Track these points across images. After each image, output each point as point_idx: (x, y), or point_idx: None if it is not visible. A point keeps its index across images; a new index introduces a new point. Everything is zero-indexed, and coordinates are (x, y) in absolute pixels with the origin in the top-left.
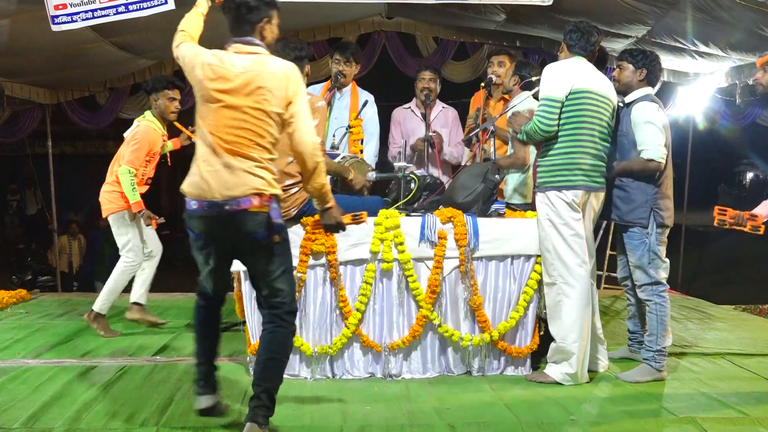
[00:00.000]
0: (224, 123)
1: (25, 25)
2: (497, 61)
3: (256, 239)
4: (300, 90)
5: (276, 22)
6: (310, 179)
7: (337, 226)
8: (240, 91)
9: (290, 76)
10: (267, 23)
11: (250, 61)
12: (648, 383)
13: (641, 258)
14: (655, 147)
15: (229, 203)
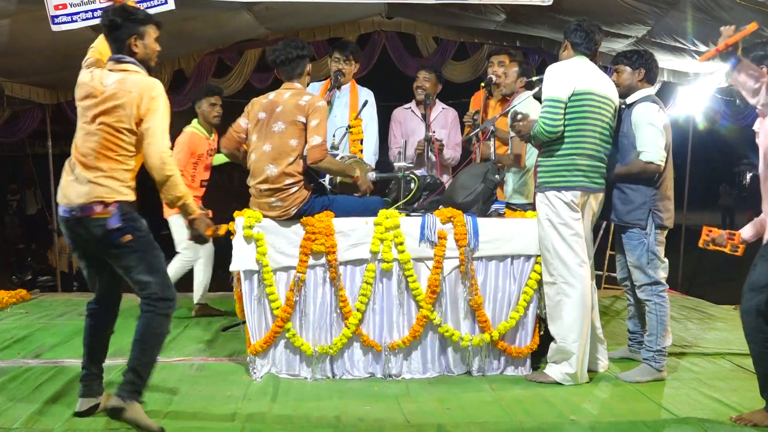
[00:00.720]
0: (82, 137)
1: (25, 25)
2: (497, 61)
3: (104, 242)
4: (154, 108)
5: (152, 37)
6: (163, 192)
7: (199, 237)
8: (99, 108)
9: (144, 95)
10: (137, 39)
11: (115, 79)
12: (648, 383)
13: (640, 258)
14: (654, 149)
15: (76, 210)
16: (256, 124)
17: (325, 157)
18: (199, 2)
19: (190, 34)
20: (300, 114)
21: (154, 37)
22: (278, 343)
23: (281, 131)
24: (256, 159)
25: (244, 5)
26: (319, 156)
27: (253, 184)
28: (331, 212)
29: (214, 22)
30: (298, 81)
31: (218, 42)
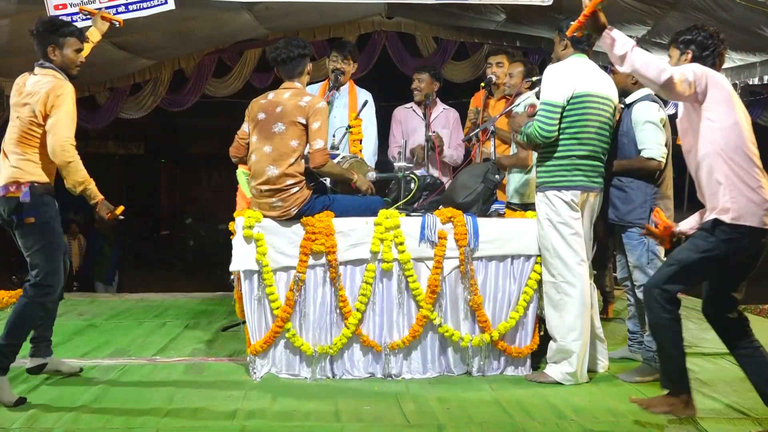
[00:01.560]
0: (8, 129)
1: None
2: (495, 61)
3: (13, 220)
4: (58, 104)
5: (71, 48)
6: (65, 177)
7: (102, 220)
8: (20, 105)
9: (50, 94)
10: (55, 48)
11: (34, 81)
12: (648, 383)
13: (640, 258)
14: (655, 146)
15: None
16: (256, 124)
17: (327, 162)
18: (199, 2)
19: (190, 34)
20: (300, 115)
21: (74, 48)
22: (278, 343)
23: (281, 132)
24: (257, 160)
25: (244, 5)
26: (321, 161)
27: (253, 185)
28: (331, 212)
29: (214, 22)
30: (298, 80)
31: (218, 42)
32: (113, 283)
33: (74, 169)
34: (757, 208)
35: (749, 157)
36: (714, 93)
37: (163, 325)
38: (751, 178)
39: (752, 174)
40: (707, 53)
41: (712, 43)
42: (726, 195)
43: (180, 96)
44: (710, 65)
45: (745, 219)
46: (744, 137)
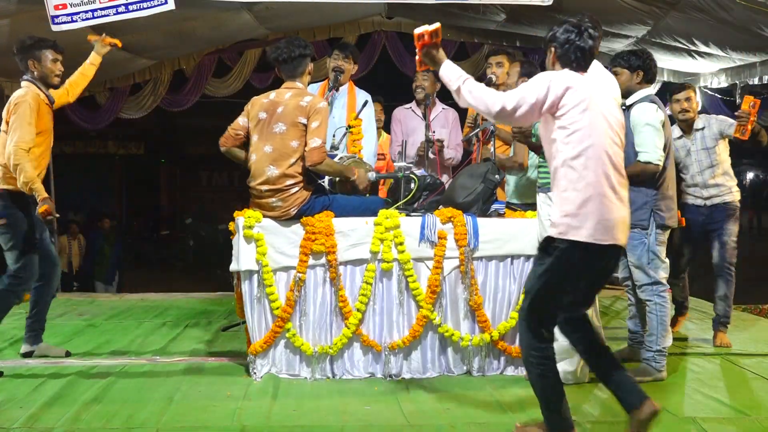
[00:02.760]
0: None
1: (25, 25)
2: (495, 61)
3: None
4: (14, 111)
5: (47, 59)
6: (16, 177)
7: (40, 214)
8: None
9: (11, 103)
10: (34, 62)
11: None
12: (648, 383)
13: (640, 258)
14: (652, 149)
15: None
16: (257, 124)
17: (324, 160)
18: (199, 2)
19: (190, 34)
20: (301, 115)
21: (51, 59)
22: (278, 343)
23: (282, 132)
24: (257, 160)
25: (244, 5)
26: (317, 159)
27: (253, 185)
28: (331, 212)
29: (214, 22)
30: (299, 80)
31: (218, 42)
32: (113, 283)
33: (20, 171)
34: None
35: (602, 169)
36: (568, 101)
37: (163, 325)
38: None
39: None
40: (567, 47)
41: (570, 38)
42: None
43: (180, 96)
44: (571, 56)
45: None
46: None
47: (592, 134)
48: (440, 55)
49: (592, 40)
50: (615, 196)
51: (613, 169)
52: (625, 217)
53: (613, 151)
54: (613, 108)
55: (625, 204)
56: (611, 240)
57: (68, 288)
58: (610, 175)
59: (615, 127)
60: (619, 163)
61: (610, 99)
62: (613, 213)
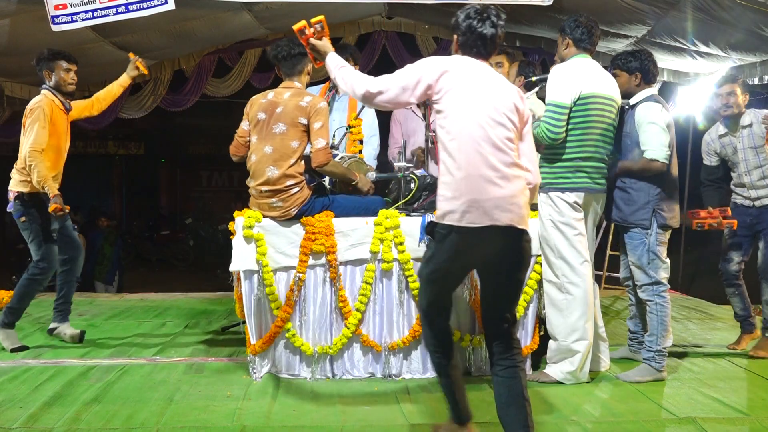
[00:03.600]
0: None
1: (25, 25)
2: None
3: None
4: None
5: (61, 69)
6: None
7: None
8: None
9: (28, 109)
10: (49, 72)
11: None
12: (648, 383)
13: (641, 258)
14: (658, 147)
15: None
16: (256, 124)
17: (330, 161)
18: (199, 2)
19: (190, 34)
20: (301, 115)
21: (64, 69)
22: (278, 343)
23: (282, 133)
24: (257, 160)
25: (244, 5)
26: (324, 159)
27: (253, 185)
28: (331, 212)
29: (214, 22)
30: (297, 80)
31: (218, 42)
32: (113, 283)
33: (35, 170)
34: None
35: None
36: (444, 86)
37: (163, 325)
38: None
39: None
40: (468, 34)
41: (471, 25)
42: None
43: (180, 96)
44: (471, 43)
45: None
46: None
47: (466, 116)
48: (326, 46)
49: (495, 28)
50: (496, 175)
51: (492, 148)
52: (507, 195)
53: (495, 133)
54: (501, 90)
55: (511, 182)
56: (488, 221)
57: None
58: (486, 155)
59: (500, 109)
60: (503, 144)
61: (497, 82)
62: (489, 193)
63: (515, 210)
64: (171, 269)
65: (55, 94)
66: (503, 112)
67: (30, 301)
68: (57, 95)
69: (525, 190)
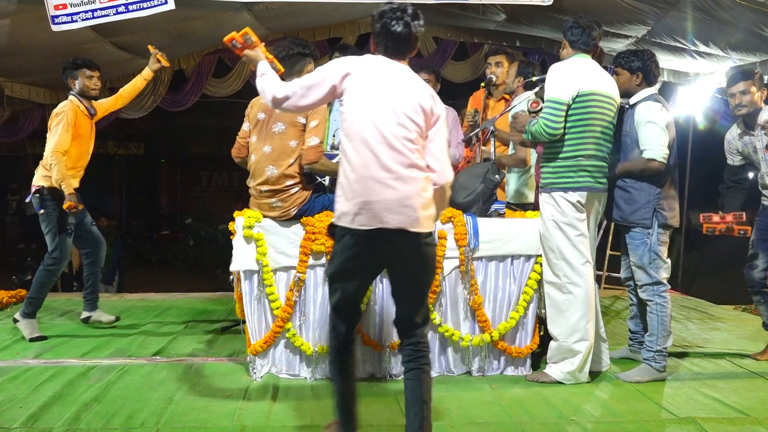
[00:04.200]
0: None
1: (25, 25)
2: (494, 61)
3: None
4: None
5: (85, 76)
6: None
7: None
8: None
9: (53, 113)
10: (73, 80)
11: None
12: (648, 383)
13: (642, 258)
14: (657, 147)
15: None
16: (256, 125)
17: (320, 159)
18: (199, 2)
19: (190, 34)
20: (300, 115)
21: (86, 75)
22: (278, 343)
23: (281, 132)
24: (257, 160)
25: (244, 5)
26: (314, 157)
27: (253, 185)
28: (331, 212)
29: (214, 22)
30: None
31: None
32: (113, 283)
33: (55, 169)
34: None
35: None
36: (347, 87)
37: (163, 325)
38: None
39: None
40: (381, 33)
41: (384, 23)
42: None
43: (180, 96)
44: (383, 42)
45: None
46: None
47: (363, 118)
48: (258, 56)
49: (408, 28)
50: (389, 176)
51: (388, 149)
52: (399, 198)
53: (392, 133)
54: (404, 90)
55: (407, 184)
56: (378, 224)
57: (68, 288)
58: (380, 156)
59: (401, 109)
60: (401, 145)
61: (402, 82)
62: (381, 195)
63: (408, 213)
64: (171, 269)
65: (80, 100)
66: (404, 112)
67: (47, 291)
68: (82, 101)
69: (423, 192)
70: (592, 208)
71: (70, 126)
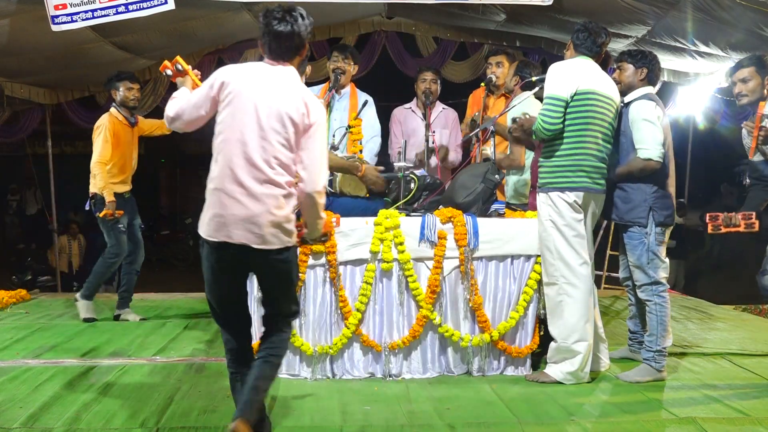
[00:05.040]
0: None
1: (25, 25)
2: (495, 61)
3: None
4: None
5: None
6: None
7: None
8: None
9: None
10: (115, 91)
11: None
12: (648, 383)
13: (640, 258)
14: (652, 145)
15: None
16: None
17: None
18: (199, 2)
19: (190, 34)
20: None
21: (126, 87)
22: None
23: None
24: None
25: (244, 5)
26: None
27: None
28: (331, 212)
29: (214, 22)
30: None
31: (218, 42)
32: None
33: (96, 178)
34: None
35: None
36: (222, 97)
37: (163, 325)
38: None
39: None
40: (263, 35)
41: (266, 23)
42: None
43: None
44: (267, 41)
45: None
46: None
47: (227, 129)
48: (186, 83)
49: (292, 27)
50: (241, 191)
51: (246, 164)
52: (248, 215)
53: (254, 146)
54: (275, 100)
55: (258, 201)
56: (224, 237)
57: (68, 288)
58: (236, 169)
59: (267, 122)
60: (260, 160)
61: (275, 90)
62: (229, 209)
63: (253, 230)
64: (171, 269)
65: (120, 110)
66: (270, 125)
67: (104, 279)
68: (121, 111)
69: (277, 209)
70: (588, 209)
71: (109, 137)
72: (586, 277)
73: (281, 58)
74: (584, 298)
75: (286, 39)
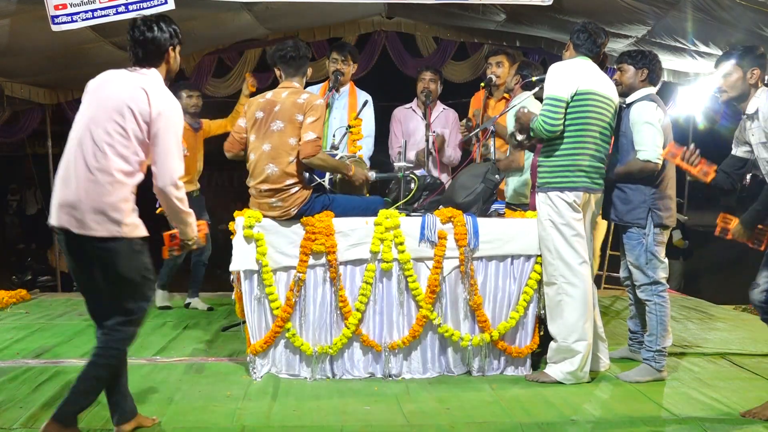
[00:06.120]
0: None
1: (25, 25)
2: (495, 61)
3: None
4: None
5: (183, 98)
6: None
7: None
8: None
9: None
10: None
11: None
12: (648, 383)
13: (638, 258)
14: (651, 147)
15: None
16: (254, 123)
17: (318, 153)
18: (199, 2)
19: (190, 34)
20: (298, 112)
21: (186, 96)
22: (278, 343)
23: (280, 130)
24: (256, 159)
25: (244, 5)
26: (311, 151)
27: (253, 185)
28: (331, 212)
29: (214, 22)
30: (298, 80)
31: (218, 42)
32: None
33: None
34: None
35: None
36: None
37: (163, 325)
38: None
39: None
40: (128, 41)
41: (129, 29)
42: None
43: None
44: (131, 47)
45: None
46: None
47: (76, 123)
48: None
49: (144, 35)
50: (71, 177)
51: (81, 153)
52: (72, 200)
53: (91, 137)
54: (116, 95)
55: (84, 186)
56: (54, 222)
57: (68, 288)
58: (74, 158)
59: (109, 113)
60: (96, 149)
61: (118, 88)
62: (58, 194)
63: (74, 214)
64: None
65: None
66: (110, 116)
67: (174, 270)
68: (185, 118)
69: (106, 197)
70: (587, 209)
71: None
72: (585, 276)
73: (145, 62)
74: (584, 297)
75: (143, 45)
